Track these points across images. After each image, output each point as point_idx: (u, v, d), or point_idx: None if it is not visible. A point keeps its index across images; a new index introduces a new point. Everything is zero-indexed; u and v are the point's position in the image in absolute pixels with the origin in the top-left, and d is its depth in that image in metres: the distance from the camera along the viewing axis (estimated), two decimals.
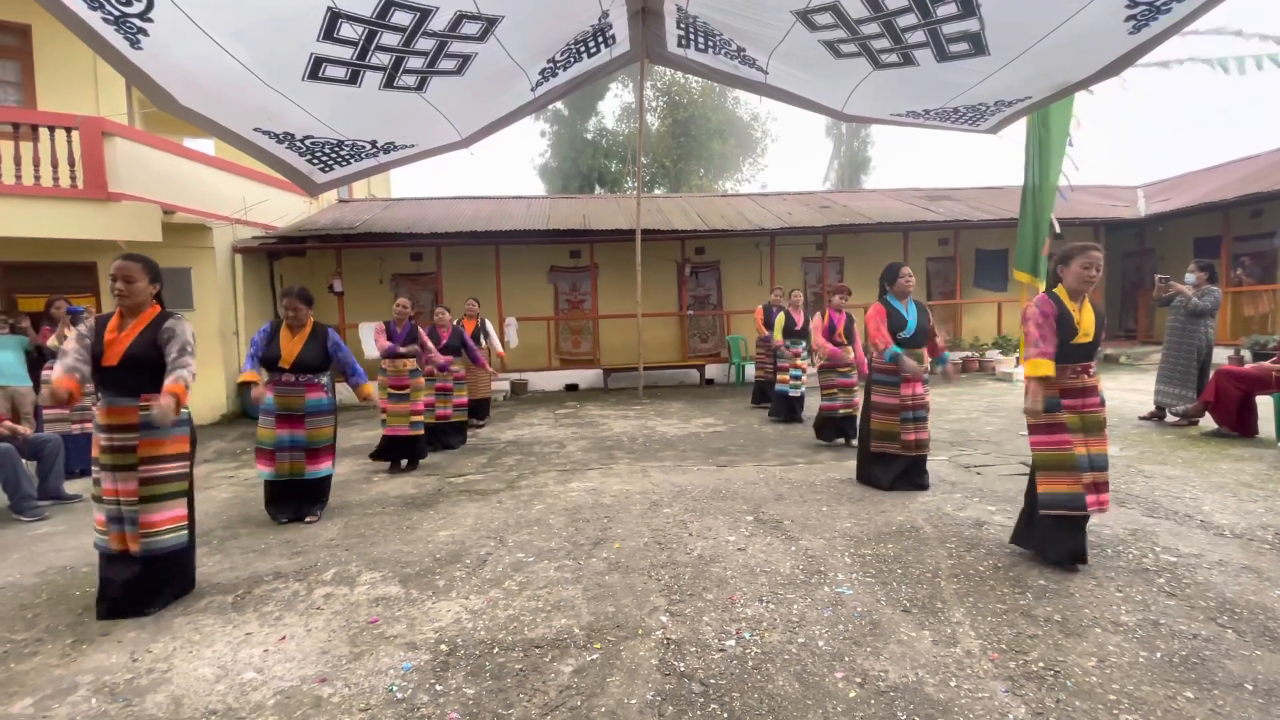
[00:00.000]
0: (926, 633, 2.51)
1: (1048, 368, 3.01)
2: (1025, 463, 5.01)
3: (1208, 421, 5.93)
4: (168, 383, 2.85)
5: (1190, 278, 6.23)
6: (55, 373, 2.93)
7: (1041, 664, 2.26)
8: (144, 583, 2.97)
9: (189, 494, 3.14)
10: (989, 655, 2.33)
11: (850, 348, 6.02)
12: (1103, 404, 3.11)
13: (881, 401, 4.49)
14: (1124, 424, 6.32)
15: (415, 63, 3.70)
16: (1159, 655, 2.29)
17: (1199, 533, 3.46)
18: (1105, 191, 14.83)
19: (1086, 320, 3.07)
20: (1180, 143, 47.93)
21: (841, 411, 5.95)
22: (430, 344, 6.07)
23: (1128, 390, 8.29)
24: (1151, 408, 6.50)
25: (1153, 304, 6.91)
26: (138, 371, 2.93)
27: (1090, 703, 2.04)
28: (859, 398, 5.93)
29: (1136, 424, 6.32)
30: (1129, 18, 3.36)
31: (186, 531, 3.08)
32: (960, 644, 2.42)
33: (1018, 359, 10.65)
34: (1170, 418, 6.31)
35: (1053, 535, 3.07)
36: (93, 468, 3.01)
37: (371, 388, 4.54)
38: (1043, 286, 9.80)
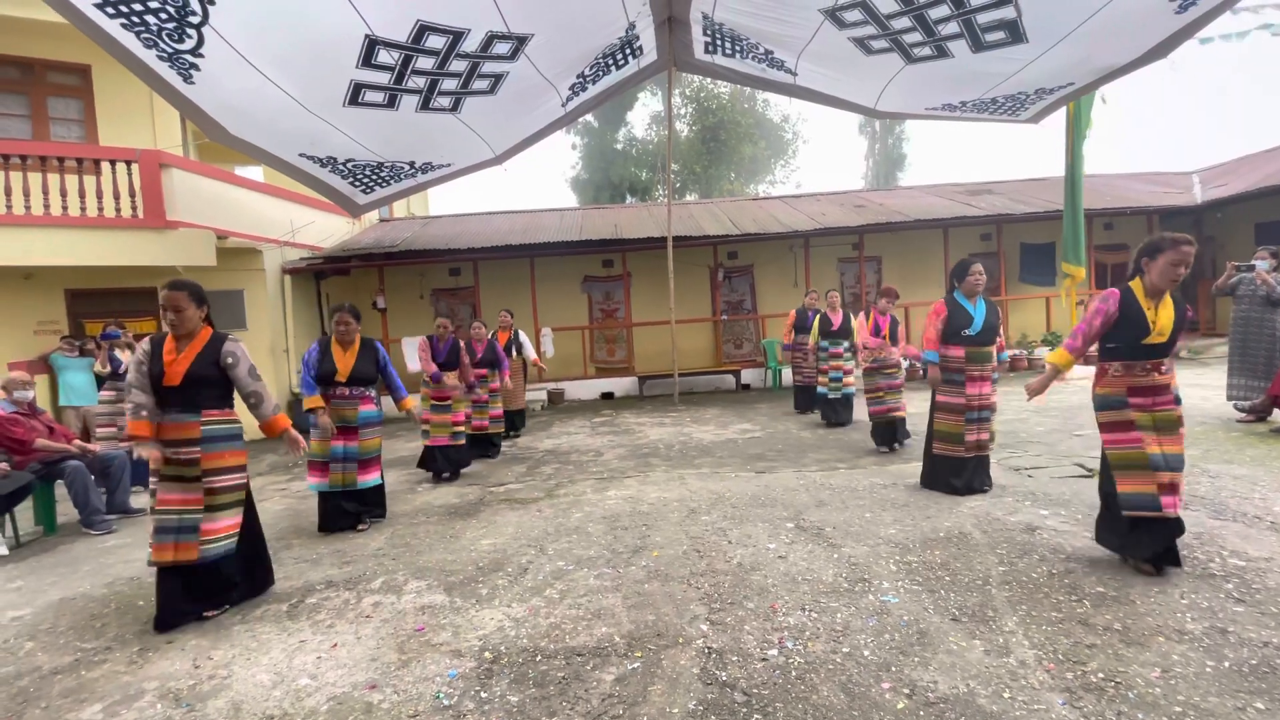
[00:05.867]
0: (978, 642, 2.43)
1: (1064, 359, 3.06)
2: (1079, 464, 4.83)
3: (1277, 417, 5.61)
4: (271, 417, 3.31)
5: (1264, 264, 5.92)
6: (128, 411, 3.10)
7: (1101, 675, 2.17)
8: (209, 584, 3.15)
9: (247, 501, 3.32)
10: (1045, 666, 2.25)
11: (895, 350, 5.92)
12: (1177, 402, 2.97)
13: (946, 401, 4.34)
14: (1186, 421, 6.01)
15: (449, 84, 3.80)
16: (1227, 664, 2.18)
17: (1270, 535, 3.28)
18: (1158, 179, 14.21)
19: (1164, 319, 2.91)
20: (1234, 126, 45.64)
21: (891, 414, 5.81)
22: (468, 362, 6.16)
23: (1189, 385, 7.90)
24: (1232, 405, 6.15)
25: (1213, 293, 6.58)
26: (200, 390, 3.14)
27: (1154, 715, 1.94)
28: (906, 400, 5.84)
29: (1200, 421, 6.02)
30: None
31: (237, 538, 3.20)
32: (1014, 654, 2.34)
33: None
34: (1236, 413, 5.99)
35: (1131, 536, 2.95)
36: (150, 480, 3.15)
37: (414, 401, 4.75)
38: (1081, 275, 9.39)
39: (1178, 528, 2.90)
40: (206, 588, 3.14)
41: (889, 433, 5.88)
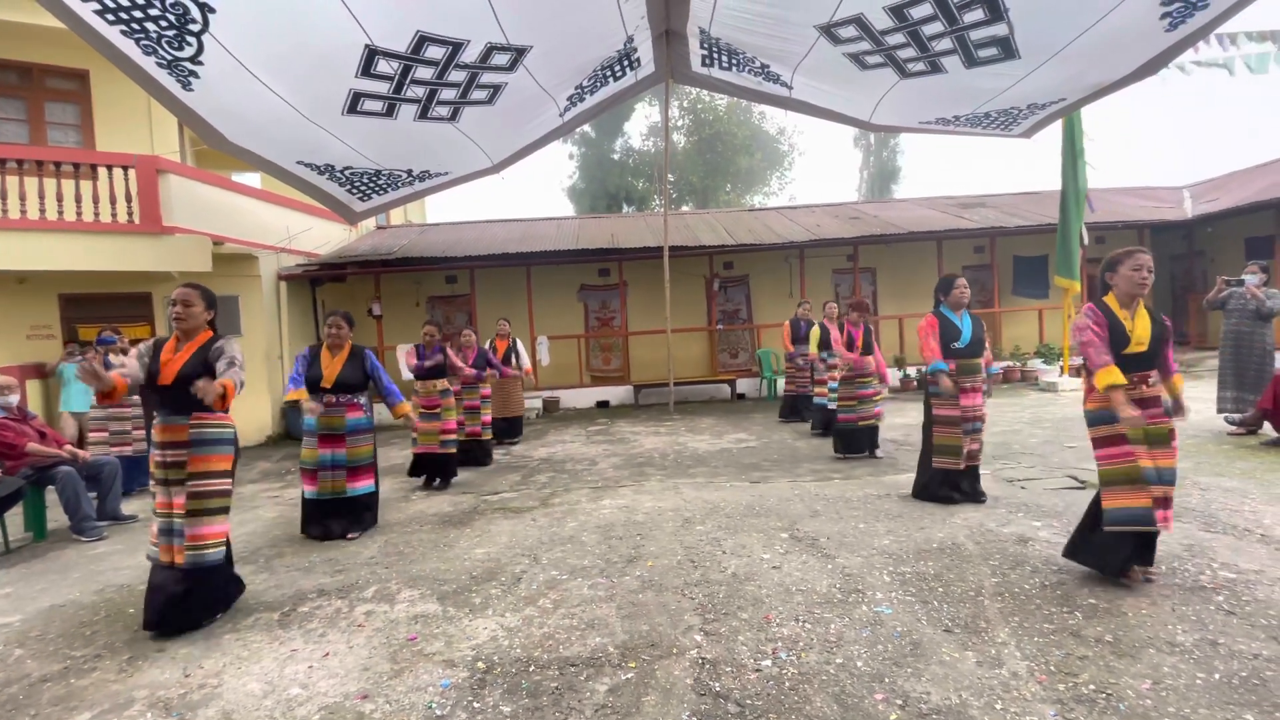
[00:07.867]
0: (970, 654, 2.44)
1: (1118, 375, 2.85)
2: (1072, 476, 4.86)
3: (1267, 430, 5.65)
4: (220, 378, 3.02)
5: (1253, 279, 6.00)
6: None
7: (1092, 686, 2.18)
8: (191, 597, 3.06)
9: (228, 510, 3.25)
10: (1036, 677, 2.25)
11: (870, 359, 6.04)
12: (1168, 414, 2.98)
13: (944, 414, 4.34)
14: (1178, 434, 6.05)
15: (448, 94, 3.83)
16: (1217, 676, 2.19)
17: (1259, 547, 3.30)
18: (1149, 193, 14.38)
19: (1140, 328, 2.93)
20: (1225, 142, 46.23)
21: (860, 423, 5.96)
22: (459, 362, 6.24)
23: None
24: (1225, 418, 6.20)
25: (1204, 307, 6.65)
26: (190, 391, 3.05)
27: None
28: (879, 409, 5.98)
29: (1191, 434, 6.06)
30: (1164, 15, 3.29)
31: (225, 547, 3.19)
32: (1006, 665, 2.34)
33: (1061, 368, 10.33)
34: (1227, 426, 6.04)
35: (1114, 549, 2.94)
36: (150, 482, 3.19)
37: (408, 407, 4.71)
38: (1078, 289, 9.52)
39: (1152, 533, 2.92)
40: (192, 600, 3.05)
41: (854, 440, 6.03)
